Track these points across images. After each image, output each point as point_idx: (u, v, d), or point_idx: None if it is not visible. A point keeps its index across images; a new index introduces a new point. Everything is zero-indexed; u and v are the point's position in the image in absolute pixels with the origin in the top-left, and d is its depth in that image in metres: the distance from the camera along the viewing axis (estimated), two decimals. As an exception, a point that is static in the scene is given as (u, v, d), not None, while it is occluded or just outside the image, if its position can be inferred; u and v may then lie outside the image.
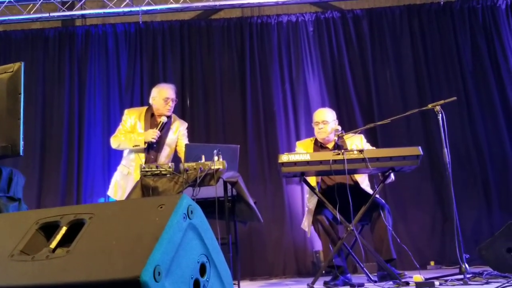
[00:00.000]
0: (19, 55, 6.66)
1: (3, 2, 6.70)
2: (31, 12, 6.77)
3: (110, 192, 4.73)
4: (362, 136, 4.88)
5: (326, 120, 4.76)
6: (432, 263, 5.85)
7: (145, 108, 4.89)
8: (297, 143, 5.06)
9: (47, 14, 6.76)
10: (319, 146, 4.82)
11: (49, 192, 6.37)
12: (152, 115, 4.78)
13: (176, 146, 4.82)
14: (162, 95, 4.74)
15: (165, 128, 4.73)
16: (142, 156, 4.59)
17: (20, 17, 6.80)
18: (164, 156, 4.71)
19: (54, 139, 6.58)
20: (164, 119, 4.67)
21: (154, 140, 4.57)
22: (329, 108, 5.21)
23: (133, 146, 4.57)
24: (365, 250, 4.18)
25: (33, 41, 6.88)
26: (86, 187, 6.37)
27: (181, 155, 4.67)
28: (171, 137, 4.77)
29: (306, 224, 4.59)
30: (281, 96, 6.61)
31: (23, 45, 6.87)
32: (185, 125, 4.94)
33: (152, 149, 4.64)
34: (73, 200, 6.25)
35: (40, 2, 6.74)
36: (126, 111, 4.88)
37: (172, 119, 4.84)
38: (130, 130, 4.70)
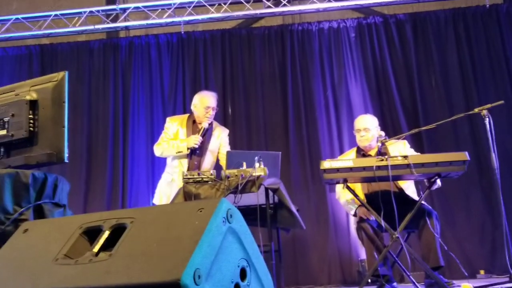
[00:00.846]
0: (66, 67, 6.76)
1: (49, 16, 6.91)
2: (77, 25, 6.97)
3: (155, 200, 4.78)
4: (405, 141, 4.78)
5: (367, 127, 4.69)
6: (482, 271, 5.68)
7: (186, 115, 4.94)
8: (339, 157, 4.99)
9: (92, 27, 6.94)
10: (362, 154, 4.74)
11: (95, 200, 6.50)
12: (194, 121, 4.82)
13: (218, 153, 4.84)
14: (204, 104, 4.77)
15: (207, 135, 4.76)
16: (185, 162, 4.63)
17: (66, 30, 7.01)
18: (207, 162, 4.73)
19: (99, 147, 6.72)
20: (205, 125, 4.69)
21: (197, 146, 4.59)
22: (370, 114, 5.13)
23: (177, 153, 4.62)
24: (411, 258, 4.09)
25: (79, 53, 7.05)
26: (130, 195, 6.46)
27: (223, 163, 4.68)
28: (213, 144, 4.79)
29: None
30: (323, 102, 6.56)
31: (69, 57, 7.04)
32: (226, 131, 4.96)
33: (195, 155, 4.67)
34: (118, 208, 6.34)
35: (85, 15, 6.92)
36: (168, 119, 4.94)
37: (214, 126, 4.87)
38: (172, 138, 4.74)
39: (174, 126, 4.81)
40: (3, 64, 7.08)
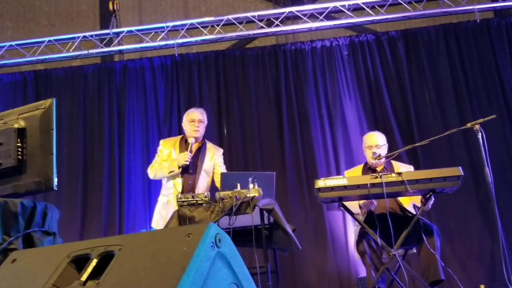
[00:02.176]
0: (60, 92, 6.86)
1: (43, 42, 6.95)
2: (71, 50, 7.00)
3: (153, 224, 4.75)
4: (411, 167, 4.76)
5: (379, 144, 4.67)
6: (482, 286, 5.64)
7: (179, 137, 4.95)
8: (346, 172, 4.95)
9: (86, 52, 6.97)
10: (368, 168, 4.71)
11: (92, 224, 6.47)
12: (186, 141, 4.81)
13: (213, 174, 4.82)
14: (188, 118, 4.82)
15: (200, 154, 4.75)
16: (180, 182, 4.61)
17: (60, 55, 7.04)
18: (202, 182, 4.70)
19: (95, 171, 6.70)
20: (191, 140, 4.67)
21: (187, 163, 4.56)
22: (379, 132, 5.06)
23: (169, 173, 4.60)
24: (409, 275, 4.06)
25: (73, 78, 7.06)
26: (128, 218, 6.43)
27: (218, 183, 4.67)
28: (207, 163, 4.77)
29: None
30: (318, 121, 6.57)
31: (64, 82, 7.05)
32: (220, 151, 4.95)
33: (188, 174, 4.65)
34: (116, 233, 6.31)
35: (79, 40, 6.96)
36: (161, 142, 4.95)
37: (207, 146, 4.87)
38: (166, 160, 4.74)
39: (167, 148, 4.82)
40: (-2, 91, 7.11)
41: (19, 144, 2.33)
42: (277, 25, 6.85)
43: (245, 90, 6.83)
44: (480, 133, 3.91)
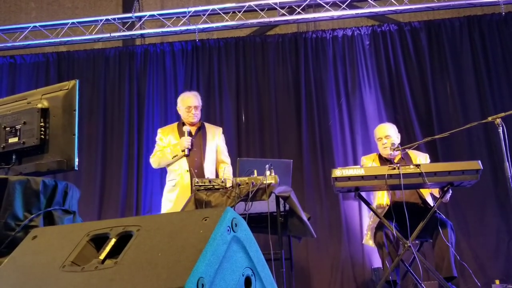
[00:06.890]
0: (82, 74, 6.92)
1: (66, 24, 7.01)
2: (93, 33, 7.05)
3: (162, 210, 4.78)
4: (427, 155, 4.76)
5: (388, 134, 4.68)
6: (497, 281, 5.61)
7: (176, 123, 4.98)
8: (363, 157, 4.96)
9: (108, 35, 7.01)
10: (384, 159, 4.72)
11: (109, 207, 6.54)
12: (184, 124, 4.82)
13: (217, 162, 4.85)
14: (185, 104, 4.82)
15: (201, 133, 4.79)
16: (185, 162, 4.63)
17: (83, 37, 7.10)
18: (210, 160, 4.75)
19: (114, 154, 6.77)
20: (186, 128, 4.68)
21: (189, 146, 4.59)
22: (389, 122, 5.10)
23: (173, 158, 4.64)
24: (423, 267, 4.06)
25: (95, 61, 7.13)
26: (145, 202, 6.49)
27: (220, 169, 4.72)
28: (211, 141, 4.81)
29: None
30: (337, 110, 6.55)
31: (86, 64, 7.12)
32: (220, 129, 4.99)
33: (194, 152, 4.67)
34: (133, 215, 6.38)
35: (102, 23, 7.01)
36: (159, 130, 4.97)
37: (206, 126, 4.90)
38: (166, 146, 4.76)
39: (166, 135, 4.84)
40: (21, 71, 7.19)
41: (42, 124, 2.37)
42: (299, 13, 6.82)
43: (264, 77, 6.83)
44: (501, 127, 3.88)
